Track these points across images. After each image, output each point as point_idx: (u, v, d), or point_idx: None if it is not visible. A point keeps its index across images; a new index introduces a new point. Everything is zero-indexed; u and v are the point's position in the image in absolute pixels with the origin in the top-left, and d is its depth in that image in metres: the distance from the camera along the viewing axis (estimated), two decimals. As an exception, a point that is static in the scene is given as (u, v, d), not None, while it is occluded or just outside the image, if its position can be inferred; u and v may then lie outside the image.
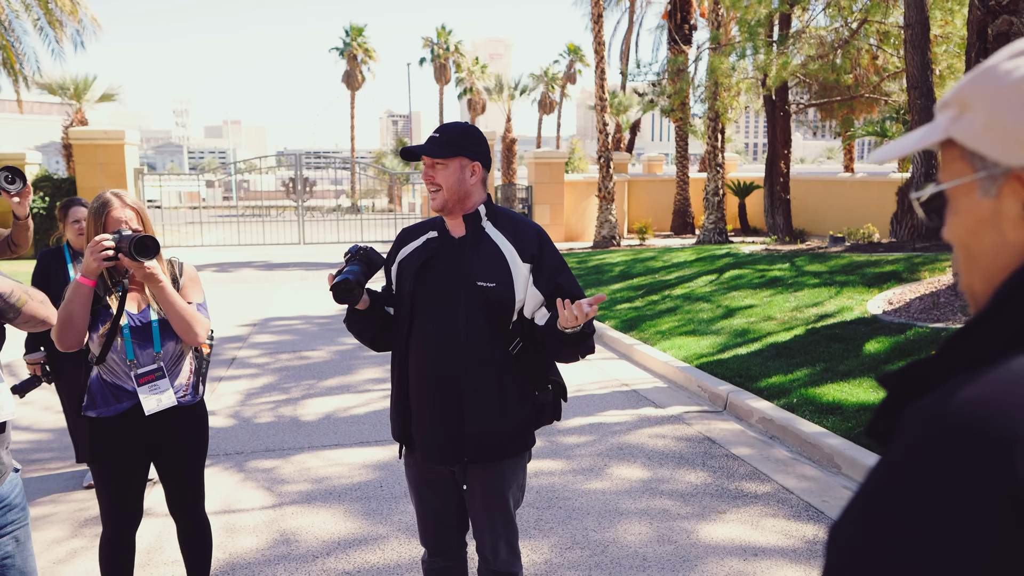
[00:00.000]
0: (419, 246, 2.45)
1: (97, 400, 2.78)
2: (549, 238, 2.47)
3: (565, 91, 44.53)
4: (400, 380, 2.43)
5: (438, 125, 2.43)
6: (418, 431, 2.42)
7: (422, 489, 2.52)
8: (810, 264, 10.46)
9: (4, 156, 17.21)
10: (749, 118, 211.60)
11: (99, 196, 2.78)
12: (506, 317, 2.36)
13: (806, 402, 5.49)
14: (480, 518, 2.49)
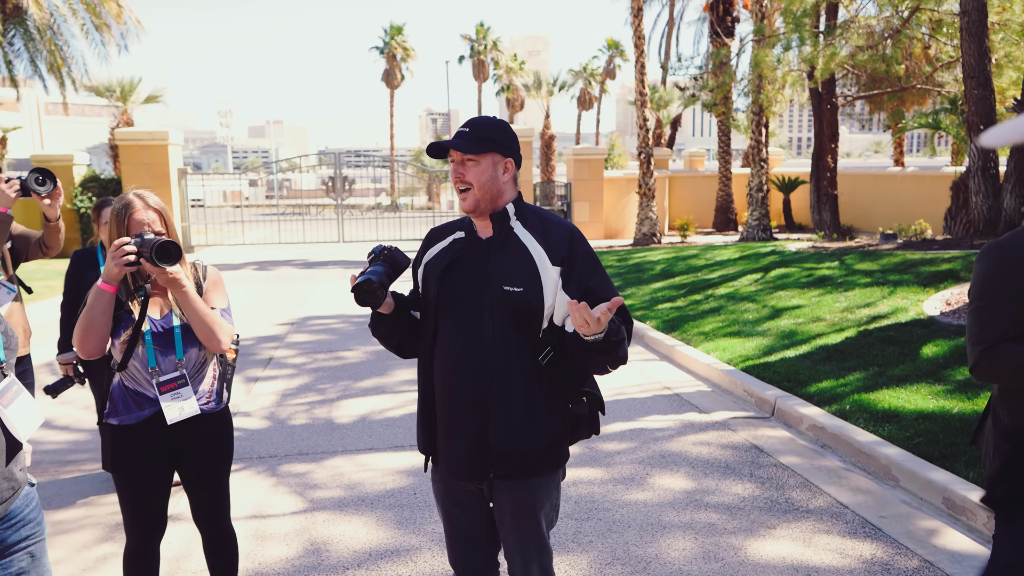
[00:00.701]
0: (445, 247, 2.31)
1: (119, 407, 2.69)
2: (583, 237, 2.30)
3: (604, 87, 44.11)
4: (425, 389, 2.29)
5: (473, 118, 2.27)
6: (443, 444, 2.27)
7: (449, 506, 2.37)
8: (860, 262, 10.08)
9: (53, 157, 17.59)
10: (794, 112, 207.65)
11: (122, 197, 2.70)
12: (535, 324, 2.19)
13: (860, 409, 5.22)
14: (510, 539, 2.33)
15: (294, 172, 29.41)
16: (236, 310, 10.23)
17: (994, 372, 2.02)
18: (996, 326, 2.02)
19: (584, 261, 2.25)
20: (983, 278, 2.09)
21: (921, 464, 4.27)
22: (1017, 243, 2.05)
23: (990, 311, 2.04)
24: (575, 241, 2.26)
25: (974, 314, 2.08)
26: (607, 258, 14.38)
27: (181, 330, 2.71)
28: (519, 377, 2.19)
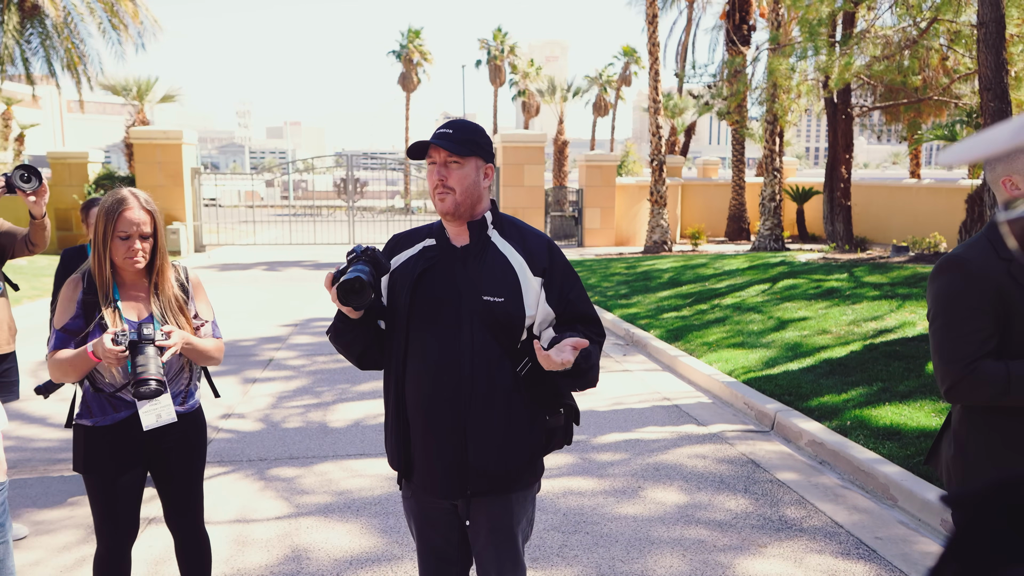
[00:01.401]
0: (415, 255, 2.22)
1: (93, 409, 2.65)
2: (559, 249, 2.25)
3: (620, 93, 43.98)
4: (397, 403, 2.20)
5: (452, 119, 2.20)
6: (418, 459, 2.19)
7: (421, 523, 2.30)
8: (870, 275, 9.94)
9: (69, 154, 17.73)
10: (810, 122, 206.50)
11: (115, 192, 2.62)
12: (514, 335, 2.13)
13: (861, 425, 5.11)
14: (486, 555, 2.26)
15: (309, 173, 29.50)
16: (242, 311, 10.26)
17: (975, 392, 1.94)
18: (969, 344, 1.94)
19: (564, 272, 2.21)
20: (947, 295, 2.01)
21: (921, 484, 4.16)
22: (977, 255, 1.97)
23: (959, 329, 1.96)
24: (554, 252, 2.22)
25: (942, 332, 1.99)
26: (615, 265, 14.28)
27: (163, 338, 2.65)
28: (499, 389, 2.13)
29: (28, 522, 3.96)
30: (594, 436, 5.35)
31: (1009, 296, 1.95)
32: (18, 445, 5.12)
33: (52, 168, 17.65)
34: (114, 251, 2.58)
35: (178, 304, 2.73)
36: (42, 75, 16.31)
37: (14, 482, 4.51)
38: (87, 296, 2.61)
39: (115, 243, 2.57)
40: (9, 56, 15.28)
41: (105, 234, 2.57)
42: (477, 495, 2.17)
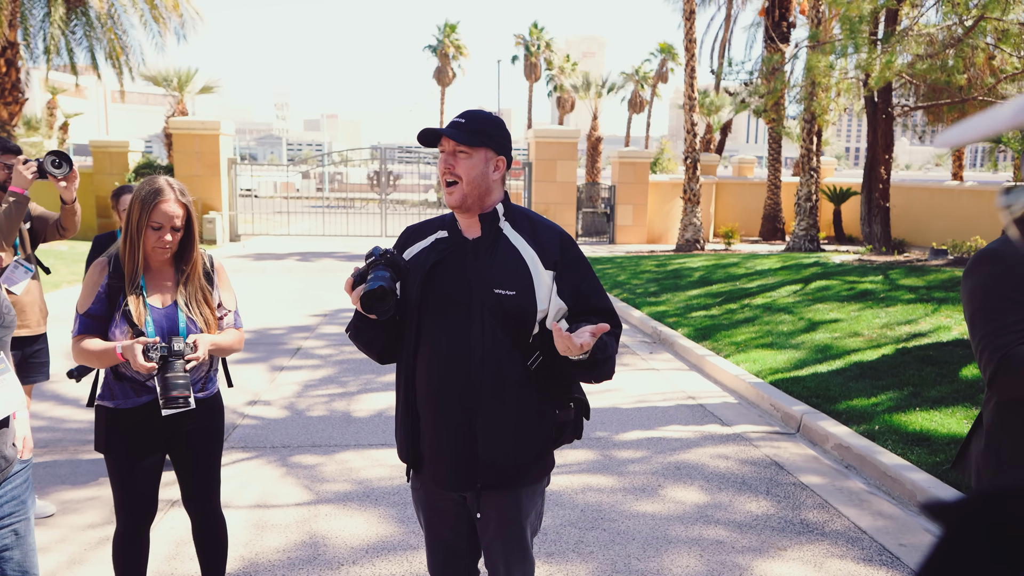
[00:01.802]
0: (427, 247, 2.20)
1: (115, 391, 2.69)
2: (572, 240, 2.22)
3: (656, 90, 43.64)
4: (407, 395, 2.19)
5: (467, 110, 2.19)
6: (427, 452, 2.19)
7: (430, 515, 2.30)
8: (906, 277, 9.73)
9: (110, 144, 18.10)
10: (852, 121, 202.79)
11: (152, 180, 2.64)
12: (526, 329, 2.11)
13: (889, 430, 5.01)
14: (494, 548, 2.26)
15: (344, 165, 29.75)
16: (273, 300, 10.38)
17: (1016, 379, 1.87)
18: (1010, 332, 1.89)
19: (576, 264, 2.18)
20: (983, 287, 1.96)
21: (950, 492, 4.06)
22: (1011, 249, 1.93)
23: (997, 320, 1.91)
24: (566, 244, 2.19)
25: (982, 324, 1.94)
26: (646, 263, 14.18)
27: (186, 328, 2.69)
28: (509, 383, 2.11)
29: (56, 501, 4.05)
30: (616, 433, 5.32)
31: None
32: (50, 425, 5.25)
33: (94, 156, 18.04)
34: (148, 239, 2.62)
35: (203, 294, 2.76)
36: (85, 65, 16.66)
37: (44, 462, 4.62)
38: (112, 281, 2.64)
39: (147, 232, 2.61)
40: (55, 47, 15.63)
41: (139, 222, 2.59)
42: (487, 488, 2.16)
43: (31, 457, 2.25)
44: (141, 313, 2.62)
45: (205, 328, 2.73)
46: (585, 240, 19.98)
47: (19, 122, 15.32)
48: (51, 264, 11.43)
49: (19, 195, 3.47)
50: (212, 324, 2.76)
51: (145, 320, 2.62)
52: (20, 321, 3.77)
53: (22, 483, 2.18)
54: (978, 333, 1.96)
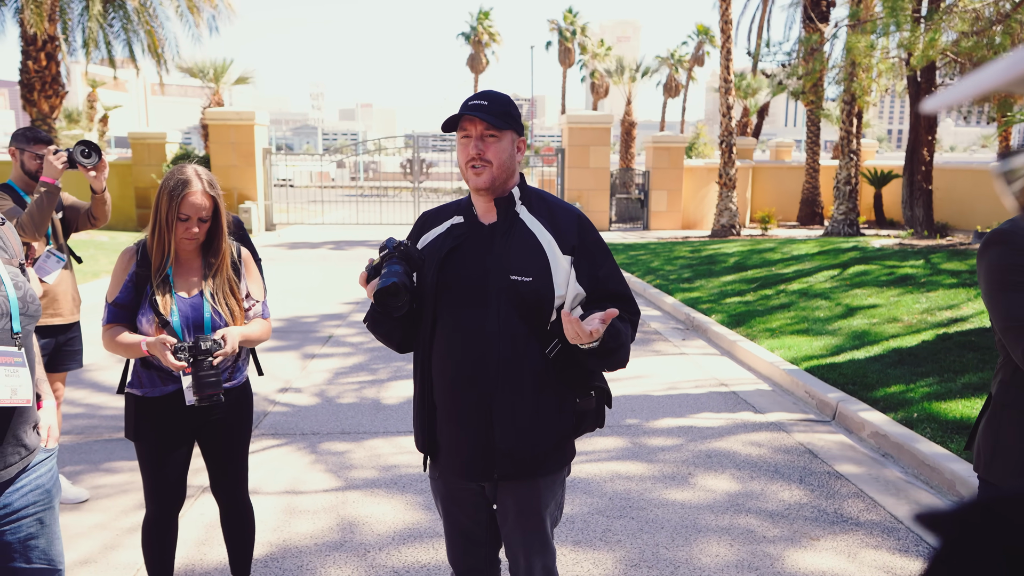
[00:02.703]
0: (443, 233, 2.16)
1: (143, 380, 2.70)
2: (591, 224, 2.17)
3: (692, 74, 43.05)
4: (423, 383, 2.17)
5: (482, 91, 2.13)
6: (444, 441, 2.16)
7: (448, 504, 2.27)
8: (947, 262, 9.47)
9: (148, 135, 18.41)
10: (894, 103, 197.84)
11: (180, 169, 2.64)
12: (543, 315, 2.06)
13: (928, 418, 4.87)
14: (513, 538, 2.23)
15: (379, 154, 29.91)
16: (306, 288, 10.48)
17: None
18: None
19: (594, 249, 2.12)
20: (1000, 265, 1.93)
21: (990, 481, 3.93)
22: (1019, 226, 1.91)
23: (1020, 290, 1.88)
24: (584, 228, 2.14)
25: (1009, 299, 1.91)
26: (680, 249, 14.01)
27: (211, 319, 2.69)
28: (527, 371, 2.06)
29: (90, 486, 4.13)
30: (647, 420, 5.26)
31: None
32: (85, 412, 5.36)
33: (132, 148, 18.37)
34: (176, 229, 2.62)
35: (230, 286, 2.75)
36: (124, 58, 16.92)
37: (80, 446, 4.72)
38: (139, 270, 2.65)
39: (178, 223, 2.61)
40: (94, 40, 15.89)
41: (168, 213, 2.60)
42: (504, 479, 2.12)
43: (56, 446, 2.27)
44: (167, 303, 2.63)
45: (231, 320, 2.72)
46: (619, 226, 19.81)
47: (60, 115, 15.65)
48: (91, 254, 11.72)
49: (50, 185, 3.52)
50: (239, 316, 2.75)
51: (171, 310, 2.63)
52: (53, 310, 3.83)
53: (46, 472, 2.20)
54: (1002, 312, 1.93)
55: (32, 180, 3.72)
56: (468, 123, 2.03)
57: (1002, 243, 1.94)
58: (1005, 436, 2.00)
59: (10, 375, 1.98)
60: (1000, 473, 2.02)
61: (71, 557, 3.38)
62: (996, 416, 2.04)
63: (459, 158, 2.08)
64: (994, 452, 2.04)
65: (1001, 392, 2.03)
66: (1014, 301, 1.89)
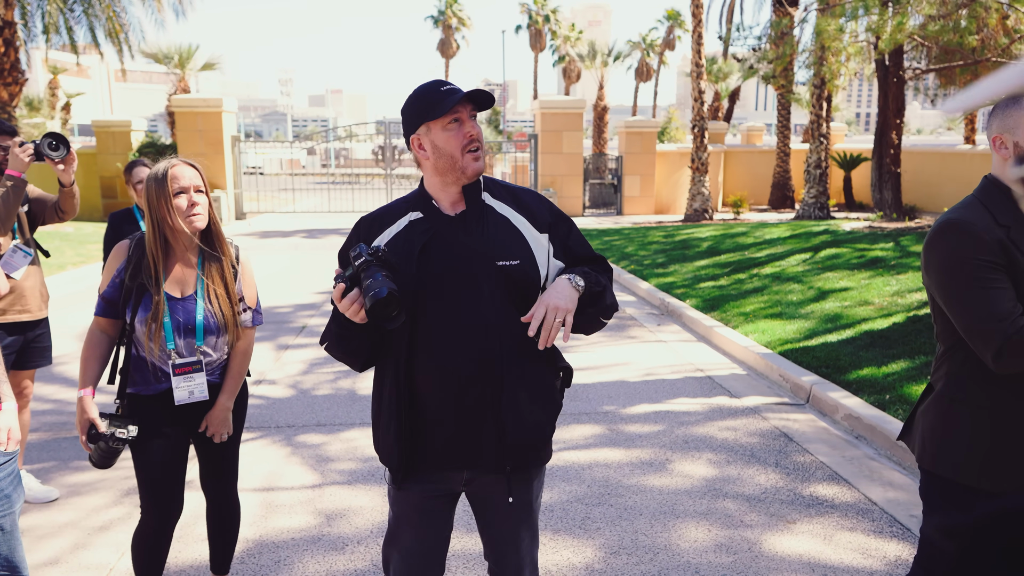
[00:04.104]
0: (401, 231, 2.02)
1: (136, 378, 2.64)
2: (551, 200, 2.19)
3: (663, 58, 43.08)
4: (399, 395, 1.99)
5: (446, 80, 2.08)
6: (435, 445, 2.02)
7: (417, 518, 2.12)
8: (917, 244, 9.61)
9: (113, 123, 18.02)
10: (862, 86, 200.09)
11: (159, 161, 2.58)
12: (530, 298, 2.01)
13: (900, 399, 4.95)
14: (505, 536, 2.16)
15: (350, 141, 29.62)
16: (280, 277, 10.35)
17: None
18: (1003, 300, 1.82)
19: (561, 222, 2.11)
20: (959, 257, 1.87)
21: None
22: (977, 219, 1.86)
23: (987, 287, 1.83)
24: (551, 204, 2.15)
25: (968, 294, 1.86)
26: (654, 233, 14.07)
27: (203, 322, 2.63)
28: (527, 357, 2.01)
29: (60, 485, 4.05)
30: (623, 407, 5.28)
31: (1012, 263, 1.84)
32: (55, 408, 5.25)
33: (97, 136, 17.98)
34: (176, 212, 2.52)
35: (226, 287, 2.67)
36: (86, 44, 16.52)
37: (49, 443, 4.62)
38: (130, 266, 2.58)
39: (175, 203, 2.51)
40: (54, 25, 15.50)
41: (160, 197, 2.51)
42: (516, 470, 2.05)
43: (16, 449, 2.21)
44: (160, 307, 2.55)
45: (222, 325, 2.66)
46: (592, 212, 19.84)
47: (20, 103, 15.25)
48: (56, 246, 11.46)
49: (16, 179, 3.41)
50: (230, 322, 2.68)
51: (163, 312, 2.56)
52: (20, 306, 3.73)
53: (6, 476, 2.13)
54: (963, 303, 1.87)
55: (-5, 172, 3.61)
56: (462, 106, 1.95)
57: (959, 233, 1.88)
58: (962, 433, 1.97)
59: None
60: (951, 468, 1.99)
61: (40, 557, 3.31)
62: (945, 410, 2.02)
63: (445, 144, 1.95)
64: (943, 447, 2.01)
65: (951, 386, 2.00)
66: (981, 301, 1.83)
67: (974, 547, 1.97)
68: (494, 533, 2.19)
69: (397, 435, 2.00)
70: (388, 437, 2.03)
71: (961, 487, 1.97)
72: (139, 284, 2.56)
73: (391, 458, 2.04)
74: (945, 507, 2.02)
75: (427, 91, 1.97)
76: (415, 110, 1.98)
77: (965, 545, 1.98)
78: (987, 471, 1.94)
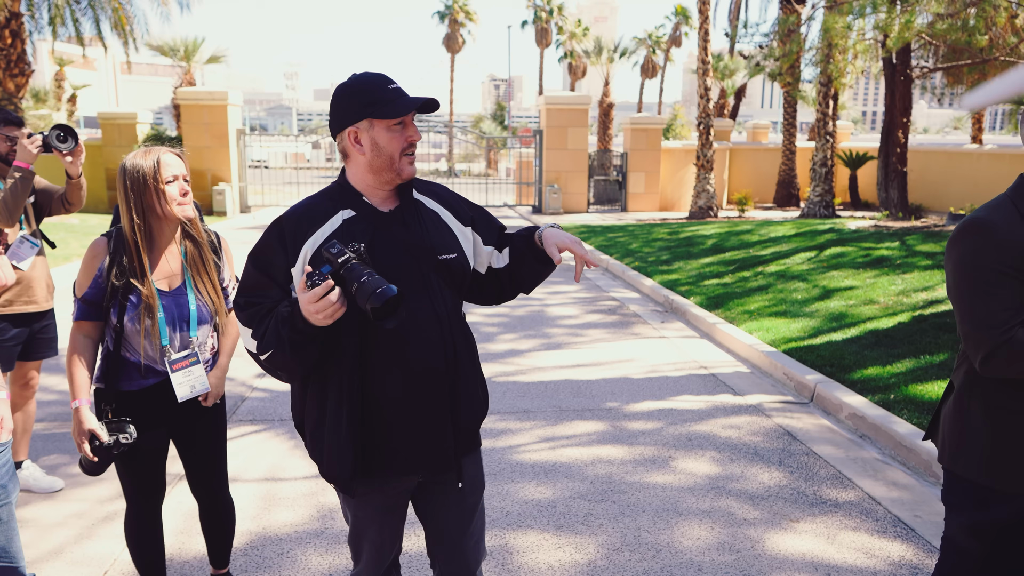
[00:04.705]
0: (337, 230, 1.93)
1: (120, 375, 2.61)
2: None
3: (669, 55, 42.96)
4: (351, 397, 1.91)
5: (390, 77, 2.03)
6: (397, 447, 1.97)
7: (381, 517, 2.11)
8: (923, 243, 9.58)
9: (118, 115, 18.03)
10: (869, 85, 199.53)
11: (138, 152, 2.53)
12: (463, 288, 2.12)
13: (905, 399, 4.94)
14: (461, 525, 2.16)
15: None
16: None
17: (1015, 361, 1.81)
18: (1003, 309, 1.82)
19: (482, 210, 2.23)
20: (973, 260, 1.86)
21: (965, 462, 3.99)
22: (1002, 219, 1.84)
23: (991, 294, 1.83)
24: (463, 198, 2.22)
25: (971, 297, 1.86)
26: (658, 231, 14.05)
27: (196, 312, 2.62)
28: (470, 344, 2.11)
29: (65, 475, 4.06)
30: (626, 404, 5.27)
31: None
32: (60, 399, 5.26)
33: (103, 128, 17.99)
34: (169, 200, 2.51)
35: (211, 275, 2.67)
36: (92, 36, 16.52)
37: (54, 435, 4.63)
38: (113, 264, 2.51)
39: (167, 191, 2.50)
40: (60, 17, 15.50)
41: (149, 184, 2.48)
42: (464, 454, 2.09)
43: (9, 439, 2.20)
44: (153, 301, 2.53)
45: (213, 312, 2.66)
46: (597, 208, 19.81)
47: (27, 94, 15.26)
48: (61, 237, 11.48)
49: (25, 170, 3.42)
50: (220, 309, 2.69)
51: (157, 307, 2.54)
52: (27, 297, 3.74)
53: (1, 466, 2.13)
54: (965, 305, 1.88)
55: (2, 163, 3.61)
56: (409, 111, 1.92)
57: (978, 235, 1.87)
58: (979, 432, 1.97)
59: None
60: (966, 466, 1.99)
61: (44, 548, 3.32)
62: (963, 409, 2.01)
63: (387, 145, 1.91)
64: (962, 446, 2.00)
65: (970, 385, 2.00)
66: (980, 307, 1.84)
67: (997, 547, 1.96)
68: (446, 526, 2.17)
69: (348, 448, 1.91)
70: (338, 450, 1.92)
71: (981, 487, 1.97)
72: (126, 282, 2.50)
73: (342, 468, 1.93)
74: (966, 507, 2.01)
75: (375, 86, 1.92)
76: (361, 102, 1.91)
77: (988, 545, 1.97)
78: (1006, 471, 1.93)
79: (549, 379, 5.81)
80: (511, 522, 3.60)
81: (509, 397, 5.39)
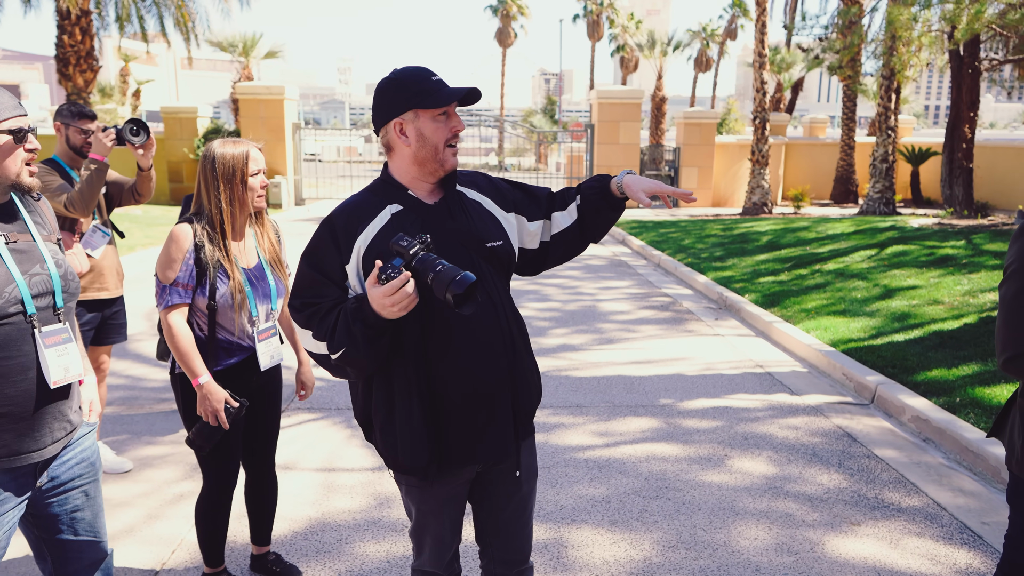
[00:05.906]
0: (387, 224, 1.95)
1: (212, 356, 2.71)
2: None
3: (724, 48, 42.26)
4: (419, 388, 1.93)
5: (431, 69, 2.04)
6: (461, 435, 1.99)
7: (446, 507, 2.13)
8: (990, 242, 9.25)
9: (180, 109, 18.52)
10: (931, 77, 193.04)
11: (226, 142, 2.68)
12: (510, 272, 2.16)
13: (971, 402, 4.78)
14: (517, 512, 2.20)
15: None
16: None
17: None
18: None
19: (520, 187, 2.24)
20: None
21: (1037, 469, 3.85)
22: None
23: None
24: (500, 181, 2.23)
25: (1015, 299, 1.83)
26: (711, 227, 13.86)
27: (275, 287, 2.81)
28: (523, 328, 2.14)
29: (133, 457, 4.21)
30: (680, 401, 5.22)
31: None
32: (128, 383, 5.44)
33: (164, 122, 18.51)
34: (251, 191, 2.68)
35: (275, 253, 2.86)
36: (155, 33, 17.00)
37: (122, 418, 4.80)
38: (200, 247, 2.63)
39: (251, 183, 2.68)
40: (126, 14, 15.98)
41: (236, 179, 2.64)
42: (524, 437, 2.13)
43: (97, 420, 2.30)
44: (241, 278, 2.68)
45: (287, 288, 2.86)
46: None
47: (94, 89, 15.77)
48: (126, 228, 11.85)
49: (100, 162, 3.54)
50: (287, 287, 2.87)
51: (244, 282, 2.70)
52: (99, 284, 3.88)
53: (90, 445, 2.22)
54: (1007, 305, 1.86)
55: (77, 155, 3.75)
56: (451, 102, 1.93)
57: None
58: None
59: (60, 355, 1.99)
60: None
61: (115, 526, 3.45)
62: None
63: (433, 135, 1.93)
64: None
65: None
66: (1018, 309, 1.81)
67: None
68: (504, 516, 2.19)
69: (422, 433, 1.94)
70: (411, 438, 1.95)
71: None
72: (215, 263, 2.64)
73: (417, 457, 1.96)
74: None
75: (419, 78, 1.94)
76: (406, 93, 1.92)
77: None
78: None
79: (602, 375, 5.78)
80: (565, 516, 3.61)
81: (562, 392, 5.39)
